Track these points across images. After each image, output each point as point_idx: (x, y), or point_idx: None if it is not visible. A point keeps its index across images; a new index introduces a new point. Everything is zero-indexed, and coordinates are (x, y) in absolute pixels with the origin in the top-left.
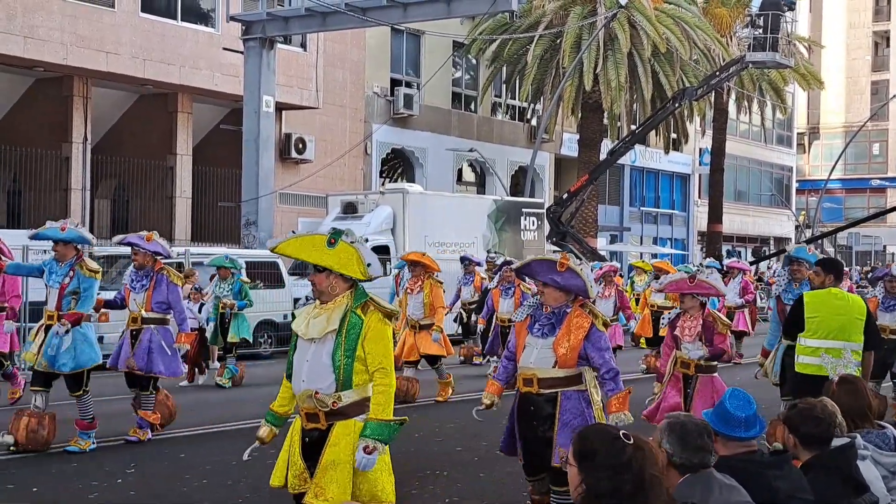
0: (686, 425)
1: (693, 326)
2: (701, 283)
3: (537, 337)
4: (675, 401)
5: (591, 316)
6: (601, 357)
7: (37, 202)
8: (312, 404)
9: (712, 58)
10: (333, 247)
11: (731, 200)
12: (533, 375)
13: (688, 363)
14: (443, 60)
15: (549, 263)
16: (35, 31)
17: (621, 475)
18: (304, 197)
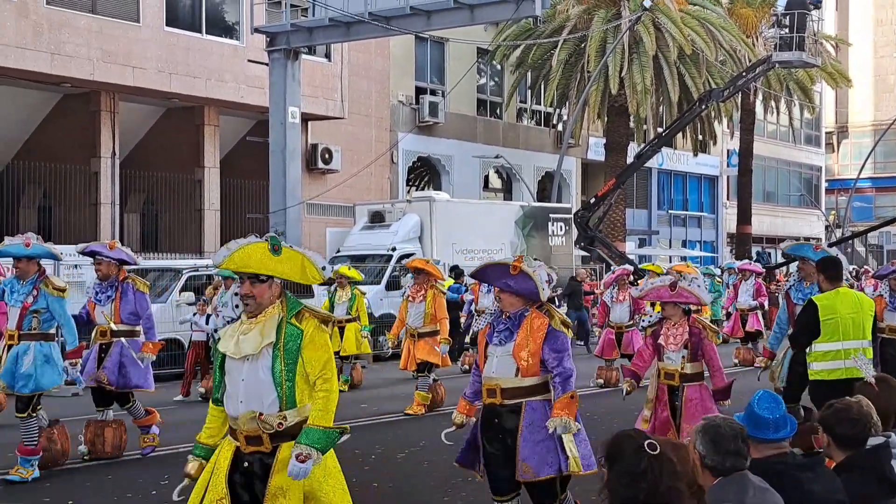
0: (720, 428)
1: (678, 335)
2: (682, 290)
3: (496, 345)
4: (665, 415)
5: (548, 316)
6: (555, 358)
7: (67, 217)
8: (255, 426)
9: (738, 59)
10: (279, 254)
11: (760, 201)
12: (496, 386)
13: (672, 373)
14: (467, 67)
15: (503, 268)
16: (62, 47)
17: (637, 484)
18: (331, 207)
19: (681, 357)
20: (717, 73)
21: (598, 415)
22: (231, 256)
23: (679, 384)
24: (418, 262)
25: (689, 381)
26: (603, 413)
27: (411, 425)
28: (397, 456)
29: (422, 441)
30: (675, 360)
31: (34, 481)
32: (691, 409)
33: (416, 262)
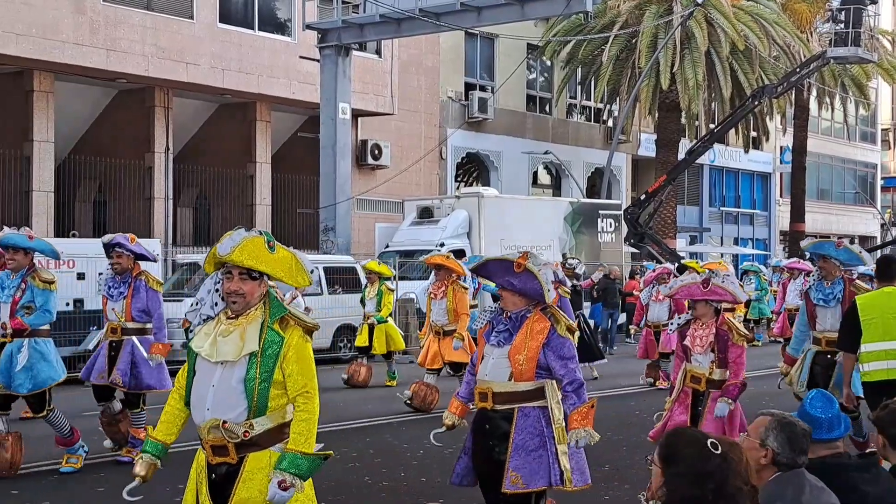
0: (797, 427)
1: (705, 336)
2: (715, 287)
3: (493, 346)
4: (681, 419)
5: (552, 320)
6: (564, 367)
7: (121, 212)
8: (220, 435)
9: (792, 54)
10: (274, 251)
11: (814, 199)
12: (488, 389)
13: (699, 377)
14: (517, 63)
15: (506, 264)
16: (117, 43)
17: (704, 484)
18: (380, 202)
19: (709, 361)
20: (771, 69)
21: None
22: (241, 246)
23: (705, 389)
24: (438, 258)
25: (715, 388)
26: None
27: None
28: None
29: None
30: (703, 364)
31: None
32: (713, 417)
33: (436, 259)
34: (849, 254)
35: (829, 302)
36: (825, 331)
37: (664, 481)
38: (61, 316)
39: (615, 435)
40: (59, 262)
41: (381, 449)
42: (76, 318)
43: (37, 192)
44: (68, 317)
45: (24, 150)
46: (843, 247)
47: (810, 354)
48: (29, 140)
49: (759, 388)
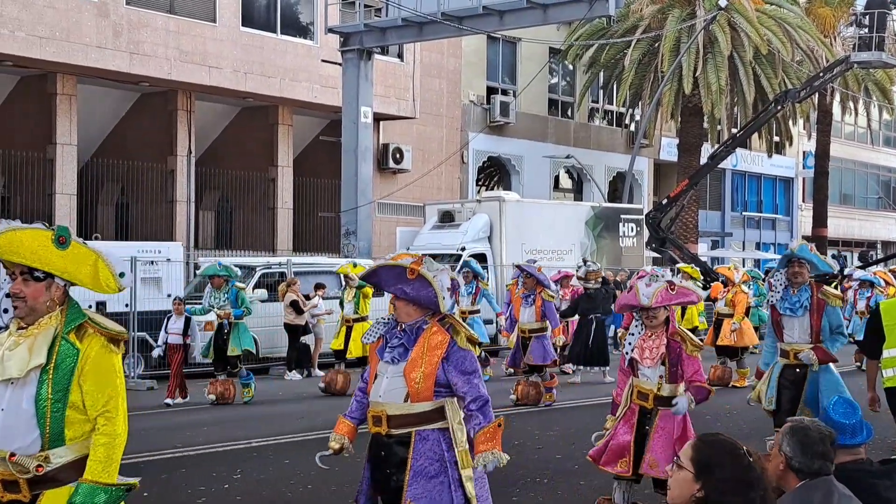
0: (809, 430)
1: (655, 347)
2: (681, 289)
3: (387, 363)
4: (624, 439)
5: (451, 331)
6: (466, 382)
7: (144, 214)
8: (8, 469)
9: (815, 59)
10: (65, 247)
11: (837, 204)
12: (382, 412)
13: (646, 393)
14: (539, 67)
15: (399, 270)
16: (140, 46)
17: (749, 493)
18: (401, 206)
19: (657, 375)
20: (794, 74)
21: None
22: (6, 237)
23: (653, 407)
24: (404, 258)
25: (665, 405)
26: None
27: None
28: None
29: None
30: (652, 378)
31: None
32: (661, 440)
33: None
34: (818, 258)
35: (796, 311)
36: (793, 343)
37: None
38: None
39: None
40: None
41: None
42: None
43: (59, 195)
44: None
45: (47, 152)
46: (812, 252)
47: (777, 368)
48: (52, 143)
49: (721, 401)
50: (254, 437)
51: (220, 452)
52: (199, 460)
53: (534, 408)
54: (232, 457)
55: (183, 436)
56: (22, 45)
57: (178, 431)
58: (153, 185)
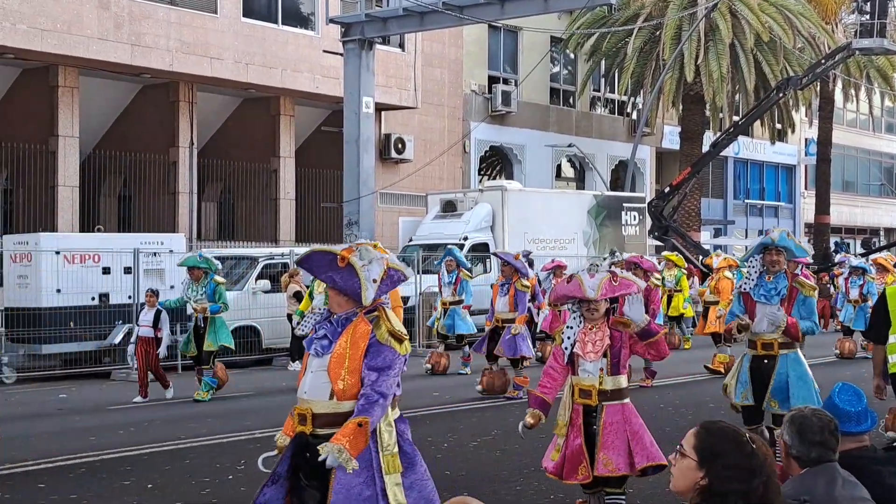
0: (807, 419)
1: (599, 340)
2: (623, 280)
3: (314, 356)
4: (576, 443)
5: (374, 324)
6: (369, 377)
7: (146, 206)
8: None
9: (817, 45)
10: None
11: (839, 191)
12: (307, 410)
13: (588, 390)
14: (540, 56)
15: (330, 257)
16: (142, 38)
17: (752, 479)
18: (404, 196)
19: (598, 368)
20: (795, 61)
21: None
22: None
23: (597, 403)
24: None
25: (609, 400)
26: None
27: (484, 414)
28: (470, 444)
29: (494, 430)
30: (593, 373)
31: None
32: (611, 435)
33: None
34: (795, 245)
35: (770, 298)
36: (761, 333)
37: (704, 475)
38: (87, 310)
39: None
40: (84, 257)
41: None
42: (102, 312)
43: (62, 187)
44: (94, 311)
45: (49, 145)
46: (790, 238)
47: (746, 360)
48: (54, 135)
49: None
50: (257, 427)
51: (224, 444)
52: (203, 451)
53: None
54: (236, 448)
55: (186, 427)
56: (24, 37)
57: (181, 423)
58: (155, 176)
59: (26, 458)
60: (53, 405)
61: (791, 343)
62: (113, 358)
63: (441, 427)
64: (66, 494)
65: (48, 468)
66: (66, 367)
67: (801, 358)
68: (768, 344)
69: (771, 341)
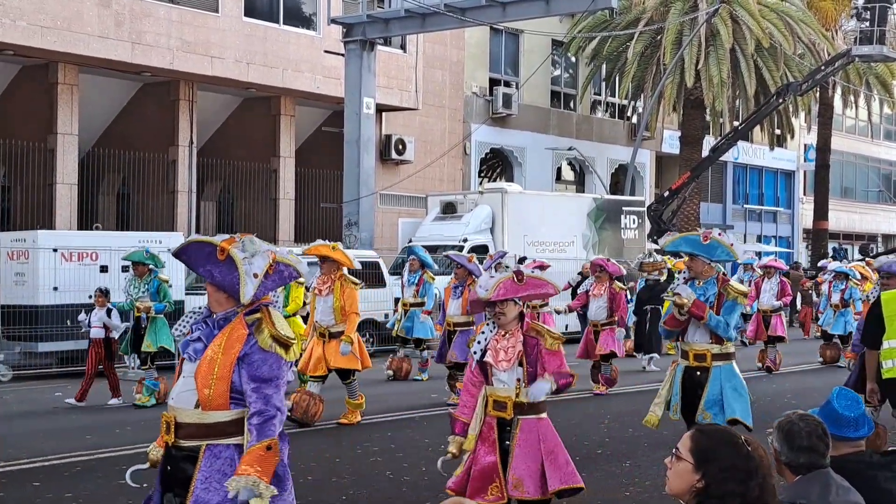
0: (794, 425)
1: (511, 347)
2: (531, 280)
3: (188, 360)
4: (489, 461)
5: (255, 328)
6: (255, 391)
7: (145, 205)
8: None
9: (817, 52)
10: None
11: (838, 197)
12: (171, 418)
13: (503, 402)
14: (542, 59)
15: (209, 249)
16: (142, 36)
17: (748, 481)
18: (403, 197)
19: (515, 378)
20: (795, 67)
21: None
22: None
23: (512, 417)
24: (322, 249)
25: (525, 414)
26: None
27: None
28: None
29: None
30: (509, 384)
31: None
32: (524, 451)
33: (321, 250)
34: (718, 248)
35: None
36: (693, 343)
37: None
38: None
39: (636, 432)
40: (82, 255)
41: (403, 444)
42: None
43: (60, 185)
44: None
45: (48, 142)
46: (711, 239)
47: (679, 371)
48: (53, 133)
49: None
50: None
51: None
52: None
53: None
54: None
55: None
56: (23, 34)
57: None
58: (154, 175)
59: (21, 457)
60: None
61: (726, 354)
62: None
63: (438, 430)
64: (62, 493)
65: (43, 467)
66: (62, 365)
67: (735, 370)
68: (701, 355)
69: (704, 352)
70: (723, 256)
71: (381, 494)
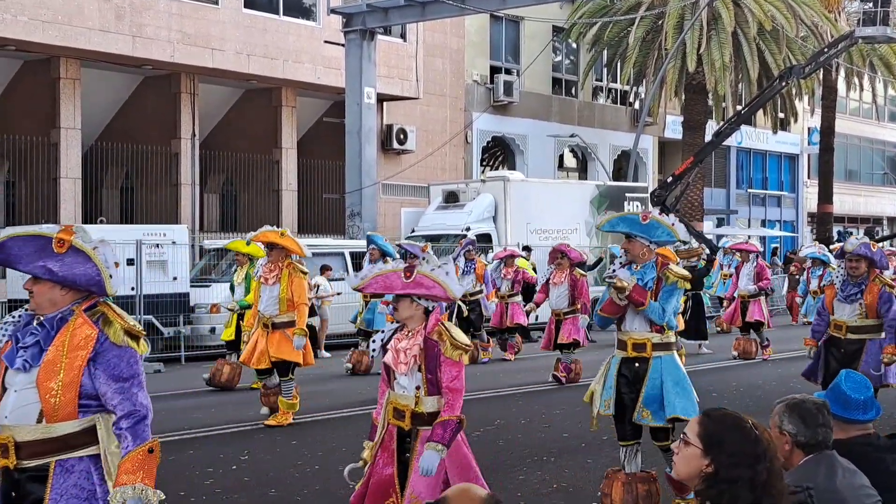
0: (805, 403)
1: (410, 348)
2: (422, 278)
3: (18, 370)
4: (386, 473)
5: (103, 323)
6: (119, 392)
7: (148, 198)
8: None
9: (820, 34)
10: None
11: (842, 180)
12: (9, 440)
13: (402, 410)
14: (542, 46)
15: (40, 242)
16: (143, 29)
17: (756, 465)
18: (406, 187)
19: (414, 386)
20: (798, 50)
21: None
22: None
23: (410, 427)
24: (270, 235)
25: (426, 425)
26: None
27: (485, 405)
28: (473, 434)
29: (497, 420)
30: (409, 389)
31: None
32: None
33: (268, 235)
34: (658, 228)
35: None
36: (631, 332)
37: (709, 462)
38: None
39: None
40: None
41: None
42: None
43: (64, 179)
44: None
45: (51, 136)
46: (650, 219)
47: (614, 363)
48: (56, 127)
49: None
50: (261, 418)
51: (227, 434)
52: (206, 442)
53: (540, 386)
54: (239, 438)
55: (190, 418)
56: (25, 29)
57: (185, 413)
58: (157, 168)
59: None
60: None
61: (667, 344)
62: None
63: None
64: None
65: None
66: None
67: (677, 361)
68: (640, 344)
69: (643, 341)
70: (664, 237)
71: None
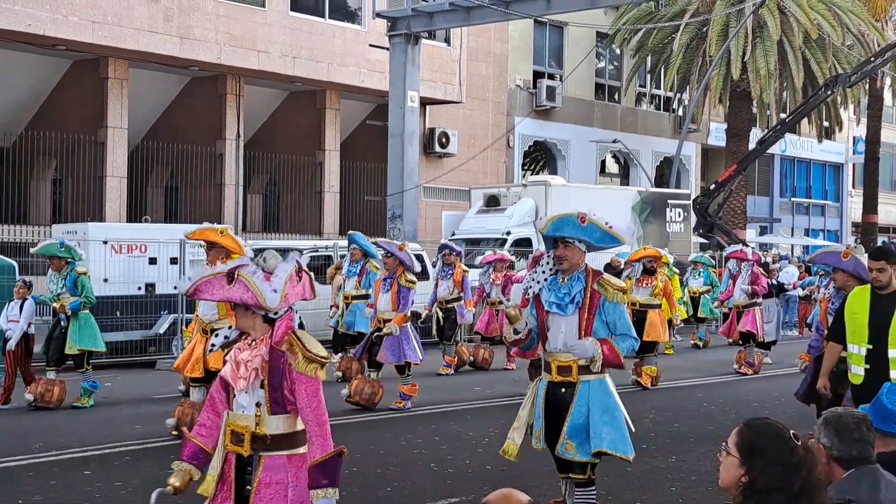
0: (842, 417)
1: (251, 360)
2: (242, 284)
3: None
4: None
5: None
6: None
7: (192, 198)
8: None
9: (867, 43)
10: None
11: (887, 190)
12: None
13: (241, 433)
14: (586, 52)
15: None
16: (190, 31)
17: (792, 475)
18: (447, 190)
19: (255, 403)
20: (844, 58)
21: None
22: None
23: (250, 453)
24: (208, 233)
25: (269, 450)
26: None
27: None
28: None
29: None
30: (248, 408)
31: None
32: (266, 502)
33: (206, 234)
34: (595, 231)
35: (564, 308)
36: (556, 352)
37: (745, 472)
38: (134, 300)
39: (682, 426)
40: (131, 247)
41: (447, 436)
42: (148, 302)
43: (110, 178)
44: (140, 301)
45: (98, 136)
46: (588, 221)
47: (540, 387)
48: (103, 126)
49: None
50: None
51: None
52: None
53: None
54: None
55: None
56: (75, 29)
57: None
58: (202, 168)
59: (72, 445)
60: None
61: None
62: (158, 347)
63: (482, 422)
64: (112, 482)
65: (94, 455)
66: (111, 356)
67: (608, 385)
68: (565, 367)
69: (569, 363)
70: (606, 241)
71: (426, 486)
